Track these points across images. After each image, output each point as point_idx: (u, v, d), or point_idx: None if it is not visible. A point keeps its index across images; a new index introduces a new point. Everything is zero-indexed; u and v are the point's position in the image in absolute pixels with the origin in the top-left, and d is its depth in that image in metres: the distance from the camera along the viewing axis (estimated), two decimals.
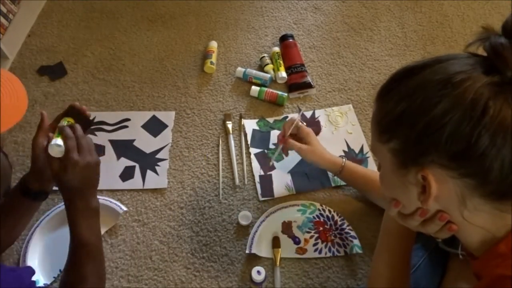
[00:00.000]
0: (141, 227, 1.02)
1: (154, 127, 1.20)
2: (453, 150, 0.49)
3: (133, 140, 1.17)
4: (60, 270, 0.94)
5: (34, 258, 0.94)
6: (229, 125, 1.19)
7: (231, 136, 1.17)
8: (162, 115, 1.23)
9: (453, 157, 0.49)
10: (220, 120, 1.22)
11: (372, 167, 1.11)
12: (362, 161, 1.12)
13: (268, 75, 1.29)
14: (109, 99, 1.27)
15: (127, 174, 1.10)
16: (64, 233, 0.98)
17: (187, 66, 1.35)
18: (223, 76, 1.33)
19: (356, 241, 0.98)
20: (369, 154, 1.14)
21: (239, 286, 0.94)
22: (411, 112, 0.52)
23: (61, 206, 1.01)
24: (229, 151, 1.15)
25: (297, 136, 1.00)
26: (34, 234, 0.97)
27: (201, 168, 1.12)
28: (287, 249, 0.98)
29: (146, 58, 1.37)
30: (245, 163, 1.12)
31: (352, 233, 0.99)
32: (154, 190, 1.08)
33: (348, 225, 1.00)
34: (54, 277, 0.93)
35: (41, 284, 0.91)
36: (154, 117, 1.22)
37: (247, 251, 0.96)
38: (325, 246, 0.98)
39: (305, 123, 1.02)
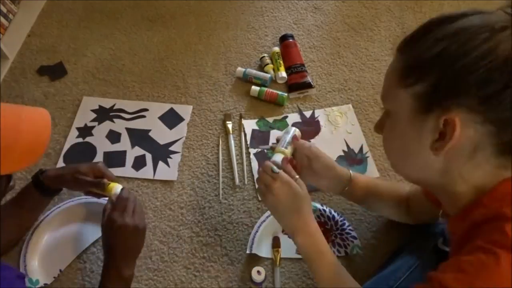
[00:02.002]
0: None
1: (171, 119, 1.22)
2: (484, 94, 0.50)
3: (149, 130, 1.19)
4: (60, 270, 0.94)
5: (34, 258, 0.94)
6: (229, 125, 1.19)
7: (231, 136, 1.17)
8: (180, 108, 1.24)
9: (483, 101, 0.50)
10: (220, 120, 1.22)
11: (372, 167, 1.11)
12: (362, 160, 1.12)
13: (268, 75, 1.29)
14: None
15: (139, 163, 1.12)
16: (65, 233, 0.99)
17: (187, 66, 1.35)
18: (223, 76, 1.33)
19: (357, 242, 0.97)
20: (369, 154, 1.14)
21: (239, 286, 0.94)
22: (450, 53, 0.52)
23: (61, 206, 1.01)
24: (229, 151, 1.15)
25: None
26: (34, 234, 0.97)
27: (201, 168, 1.12)
28: (287, 249, 0.98)
29: (146, 58, 1.37)
30: (245, 163, 1.12)
31: (353, 233, 0.99)
32: (154, 190, 1.08)
33: (348, 226, 1.00)
34: (54, 277, 0.93)
35: (41, 284, 0.91)
36: (171, 109, 1.24)
37: (247, 251, 0.96)
38: None
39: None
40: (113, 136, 1.17)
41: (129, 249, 0.81)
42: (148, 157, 1.13)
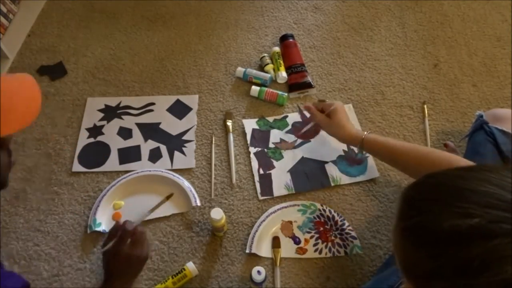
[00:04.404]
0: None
1: (179, 110, 1.24)
2: None
3: (159, 123, 1.21)
4: None
5: (104, 211, 1.04)
6: (229, 123, 1.19)
7: (230, 135, 1.17)
8: (186, 99, 1.27)
9: None
10: (221, 120, 1.22)
11: (372, 167, 1.11)
12: (362, 161, 1.12)
13: (268, 75, 1.28)
14: None
15: (155, 155, 1.14)
16: (131, 201, 1.06)
17: (187, 66, 1.35)
18: (223, 76, 1.33)
19: (357, 242, 0.98)
20: (369, 154, 1.14)
21: (239, 286, 0.94)
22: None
23: (126, 177, 1.08)
24: (229, 150, 1.15)
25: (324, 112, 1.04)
26: (108, 194, 1.05)
27: (201, 168, 1.12)
28: (287, 249, 0.98)
29: (146, 58, 1.37)
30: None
31: (353, 233, 0.99)
32: None
33: (348, 225, 1.00)
34: None
35: (100, 228, 1.00)
36: (178, 100, 1.26)
37: (247, 251, 0.96)
38: (325, 246, 0.98)
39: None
40: (125, 133, 1.19)
41: (128, 275, 0.86)
42: (163, 148, 1.15)
